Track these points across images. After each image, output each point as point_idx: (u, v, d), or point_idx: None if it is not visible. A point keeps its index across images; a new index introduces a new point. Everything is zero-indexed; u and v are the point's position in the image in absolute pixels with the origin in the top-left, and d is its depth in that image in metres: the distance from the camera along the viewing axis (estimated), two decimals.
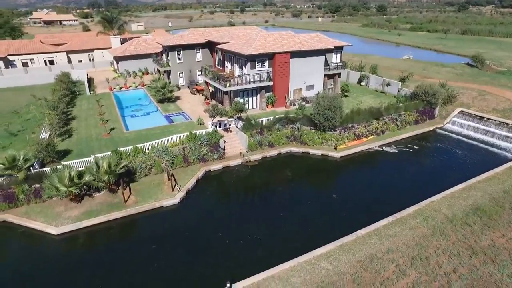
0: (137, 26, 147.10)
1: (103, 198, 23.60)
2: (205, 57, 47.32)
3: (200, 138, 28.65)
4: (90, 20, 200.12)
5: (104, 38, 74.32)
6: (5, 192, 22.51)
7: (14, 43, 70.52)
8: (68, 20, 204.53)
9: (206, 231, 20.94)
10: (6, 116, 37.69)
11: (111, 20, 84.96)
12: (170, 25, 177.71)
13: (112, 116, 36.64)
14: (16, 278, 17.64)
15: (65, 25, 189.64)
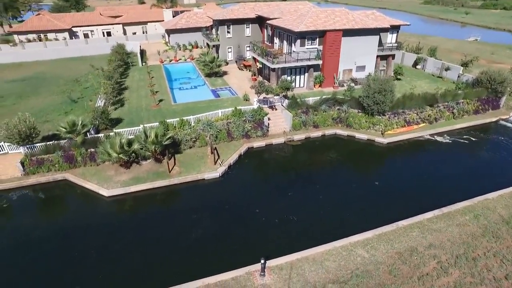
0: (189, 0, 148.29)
1: (149, 166, 24.88)
2: (255, 33, 46.75)
3: (245, 114, 28.82)
4: None
5: (157, 11, 76.06)
6: (66, 154, 24.57)
7: (77, 16, 74.74)
8: None
9: (244, 206, 21.38)
10: (69, 84, 40.56)
11: None
12: None
13: (162, 88, 37.91)
14: (71, 230, 19.48)
15: None
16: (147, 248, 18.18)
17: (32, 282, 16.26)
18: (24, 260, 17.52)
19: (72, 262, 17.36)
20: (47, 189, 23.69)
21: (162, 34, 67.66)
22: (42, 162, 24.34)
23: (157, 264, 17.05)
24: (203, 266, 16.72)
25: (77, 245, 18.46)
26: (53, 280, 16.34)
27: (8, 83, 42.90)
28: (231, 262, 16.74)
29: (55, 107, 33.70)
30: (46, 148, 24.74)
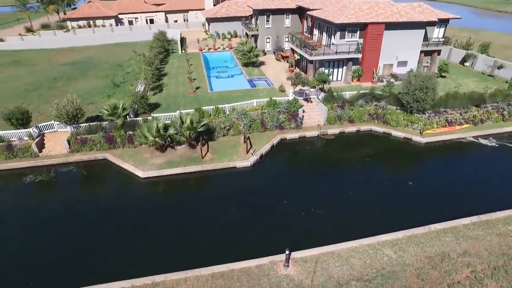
0: None
1: (183, 151, 25.69)
2: (294, 23, 46.18)
3: (279, 105, 28.81)
4: None
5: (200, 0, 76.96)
6: (107, 135, 25.96)
7: (123, 3, 77.61)
8: None
9: (273, 197, 21.54)
10: (113, 68, 42.56)
11: None
12: None
13: (199, 76, 38.70)
14: (108, 206, 20.74)
15: None
16: (176, 229, 18.94)
17: (70, 250, 17.55)
18: (65, 229, 18.96)
19: (107, 236, 18.51)
20: (89, 166, 25.28)
21: (202, 22, 68.63)
22: (86, 141, 25.92)
23: (184, 246, 17.75)
24: (228, 252, 17.17)
25: (113, 220, 19.65)
26: (89, 250, 17.53)
27: (60, 66, 45.78)
28: (256, 250, 17.06)
29: (99, 90, 35.56)
30: (89, 129, 26.28)
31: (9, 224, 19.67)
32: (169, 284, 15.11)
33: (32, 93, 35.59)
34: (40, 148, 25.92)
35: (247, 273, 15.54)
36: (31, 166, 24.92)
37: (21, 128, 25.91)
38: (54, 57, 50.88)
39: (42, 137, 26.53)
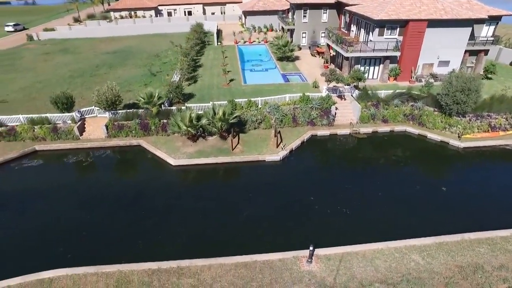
0: None
1: (214, 142, 26.18)
2: (331, 19, 45.27)
3: (312, 101, 28.56)
4: None
5: None
6: (142, 122, 26.97)
7: None
8: None
9: (300, 192, 21.50)
10: (151, 58, 43.95)
11: None
12: None
13: (234, 68, 39.05)
14: (140, 191, 21.64)
15: None
16: (203, 217, 19.46)
17: (102, 229, 18.58)
18: (99, 209, 20.07)
19: (138, 218, 19.36)
20: (124, 151, 26.45)
21: (239, 15, 68.93)
22: (122, 127, 27.07)
23: (210, 234, 18.22)
24: (252, 243, 17.44)
25: (144, 204, 20.52)
26: (120, 230, 18.46)
27: (103, 54, 47.92)
28: (279, 243, 17.19)
29: (137, 78, 36.89)
30: (126, 115, 27.41)
31: (50, 200, 21.12)
32: (193, 269, 15.60)
33: (76, 80, 37.58)
34: (81, 131, 27.44)
35: (270, 265, 15.72)
36: (72, 148, 26.50)
37: (66, 112, 27.50)
38: (97, 46, 53.29)
39: (83, 121, 28.03)
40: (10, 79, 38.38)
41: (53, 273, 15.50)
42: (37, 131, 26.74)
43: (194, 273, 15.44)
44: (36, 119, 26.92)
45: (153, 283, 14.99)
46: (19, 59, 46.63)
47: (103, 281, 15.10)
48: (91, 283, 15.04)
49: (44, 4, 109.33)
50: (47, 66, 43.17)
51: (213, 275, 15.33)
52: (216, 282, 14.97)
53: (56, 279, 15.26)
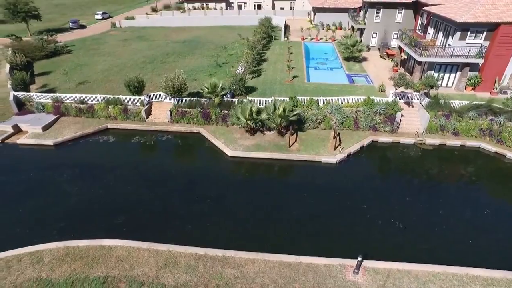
0: None
1: (272, 137, 26.13)
2: (406, 19, 42.42)
3: (376, 106, 27.11)
4: None
5: None
6: (204, 111, 27.86)
7: None
8: None
9: (353, 198, 20.59)
10: (218, 49, 45.21)
11: None
12: None
13: (298, 65, 38.57)
14: (195, 176, 22.43)
15: None
16: (252, 210, 19.59)
17: (157, 208, 19.60)
18: (156, 189, 21.21)
19: (190, 203, 20.10)
20: (184, 138, 27.60)
21: (308, 11, 67.83)
22: (185, 114, 28.23)
23: (257, 227, 18.28)
24: (298, 243, 17.15)
25: (197, 190, 21.24)
26: (172, 212, 19.33)
27: (173, 43, 50.46)
28: (326, 248, 16.71)
29: (203, 68, 38.18)
30: (189, 103, 28.50)
31: (115, 173, 22.90)
32: (238, 261, 15.77)
33: (148, 65, 40.04)
34: (147, 114, 29.19)
35: (314, 269, 15.30)
36: (138, 129, 28.35)
37: (136, 95, 29.44)
38: (169, 35, 56.20)
39: (150, 105, 29.77)
40: (94, 62, 42.18)
41: (112, 242, 16.79)
42: (111, 110, 29.04)
43: (238, 264, 15.60)
44: (110, 100, 29.23)
45: (199, 267, 15.45)
46: (103, 44, 51.01)
47: (153, 258, 15.95)
48: (143, 257, 15.98)
49: None
50: (124, 51, 46.64)
51: (256, 269, 15.36)
52: (259, 277, 14.96)
53: (114, 248, 16.49)
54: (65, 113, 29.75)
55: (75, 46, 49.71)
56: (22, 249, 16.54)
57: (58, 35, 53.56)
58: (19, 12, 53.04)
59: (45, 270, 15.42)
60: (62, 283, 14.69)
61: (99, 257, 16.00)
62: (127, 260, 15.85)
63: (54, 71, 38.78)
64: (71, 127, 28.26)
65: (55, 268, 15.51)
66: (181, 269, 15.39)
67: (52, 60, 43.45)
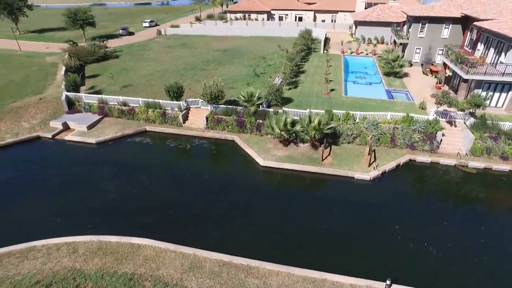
0: None
1: (305, 150, 25.89)
2: (454, 35, 40.64)
3: (416, 123, 26.08)
4: None
5: (351, 1, 75.29)
6: (239, 119, 28.24)
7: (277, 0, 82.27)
8: None
9: (385, 218, 19.77)
10: (256, 59, 45.85)
11: None
12: None
13: (336, 78, 38.14)
14: (227, 183, 22.68)
15: None
16: (280, 221, 19.40)
17: (187, 211, 19.96)
18: (188, 192, 21.68)
19: (219, 209, 20.30)
20: (218, 144, 28.08)
21: (349, 25, 67.13)
22: (220, 121, 28.76)
23: (284, 239, 18.05)
24: (324, 259, 16.73)
25: (227, 196, 21.45)
26: (199, 216, 19.61)
27: (214, 51, 51.90)
28: (352, 266, 16.15)
29: (241, 77, 38.81)
30: (226, 110, 29.02)
31: (150, 174, 23.75)
32: (261, 272, 15.64)
33: (188, 72, 41.41)
34: (184, 119, 30.09)
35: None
36: (175, 133, 29.27)
37: (175, 100, 30.48)
38: (211, 43, 57.88)
39: (187, 110, 30.67)
40: (139, 67, 44.36)
41: (141, 241, 17.32)
42: (150, 113, 30.25)
43: (262, 275, 15.46)
44: (150, 103, 30.49)
45: (222, 274, 15.49)
46: (148, 50, 53.57)
47: (179, 260, 16.23)
48: (169, 258, 16.31)
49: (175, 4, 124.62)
50: (167, 58, 48.62)
51: (279, 282, 15.13)
52: None
53: (143, 246, 17.00)
54: (109, 114, 31.44)
55: (122, 51, 52.61)
56: (61, 239, 17.55)
57: (108, 41, 57.04)
58: (78, 20, 57.44)
59: (79, 261, 16.20)
60: (93, 275, 15.33)
61: (128, 254, 16.55)
62: (154, 259, 16.25)
63: (102, 74, 41.21)
64: (112, 128, 29.76)
65: (88, 260, 16.25)
66: (205, 274, 15.52)
67: (102, 64, 46.24)
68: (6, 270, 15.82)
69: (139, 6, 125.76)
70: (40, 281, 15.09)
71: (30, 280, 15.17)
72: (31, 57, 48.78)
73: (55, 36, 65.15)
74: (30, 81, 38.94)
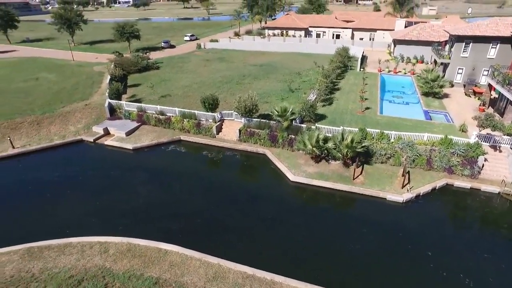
0: (428, 10, 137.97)
1: (336, 167, 25.50)
2: (501, 55, 38.70)
3: (455, 146, 24.94)
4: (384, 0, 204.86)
5: (390, 20, 74.44)
6: (271, 133, 28.44)
7: (315, 17, 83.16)
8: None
9: (417, 243, 18.86)
10: (292, 75, 46.20)
11: (403, 2, 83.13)
12: (469, 12, 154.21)
13: (372, 96, 37.50)
14: (256, 196, 22.81)
15: (360, 4, 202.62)
16: (307, 238, 19.14)
17: (214, 220, 20.23)
18: (217, 202, 22.03)
19: (245, 220, 20.39)
20: (250, 157, 28.36)
21: (388, 43, 66.06)
22: (253, 134, 29.11)
23: (310, 256, 17.75)
24: (350, 281, 16.27)
25: (255, 209, 21.55)
26: (226, 227, 19.77)
27: (250, 66, 52.97)
28: None
29: (276, 92, 39.21)
30: (259, 124, 29.37)
31: (181, 181, 24.46)
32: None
33: (225, 85, 42.48)
34: (218, 131, 30.77)
35: None
36: (208, 143, 29.97)
37: (210, 111, 31.32)
38: (248, 58, 59.15)
39: (221, 122, 31.36)
40: (177, 78, 46.19)
41: (168, 246, 17.76)
42: (185, 123, 31.26)
43: None
44: (186, 113, 31.54)
45: (245, 287, 15.44)
46: (187, 63, 55.71)
47: (203, 269, 16.41)
48: (194, 266, 16.54)
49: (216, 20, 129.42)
50: (205, 71, 50.24)
51: None
52: None
53: (170, 252, 17.40)
54: (146, 121, 32.87)
55: (163, 63, 55.07)
56: (95, 238, 18.40)
57: (150, 53, 59.98)
58: (125, 33, 61.41)
59: (109, 260, 16.86)
60: (121, 276, 15.88)
61: (155, 259, 16.99)
62: (179, 266, 16.55)
63: (143, 84, 43.29)
64: (149, 135, 31.04)
65: (117, 260, 16.87)
66: (228, 285, 15.55)
67: (143, 74, 48.64)
68: (45, 262, 16.89)
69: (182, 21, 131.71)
70: (73, 276, 15.89)
71: (65, 274, 16.02)
72: (82, 66, 52.35)
73: (103, 47, 69.55)
74: (79, 88, 41.70)
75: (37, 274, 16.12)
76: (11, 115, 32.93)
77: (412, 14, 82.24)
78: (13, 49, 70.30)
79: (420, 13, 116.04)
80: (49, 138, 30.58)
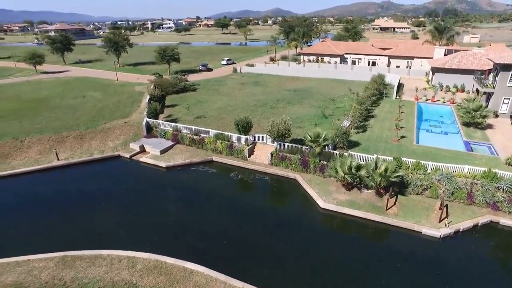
0: (470, 38, 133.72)
1: (368, 196, 24.67)
2: None
3: (500, 181, 23.38)
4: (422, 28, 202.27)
5: (428, 48, 72.86)
6: (303, 159, 28.24)
7: (351, 44, 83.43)
8: (401, 27, 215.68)
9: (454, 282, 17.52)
10: (326, 101, 46.19)
11: (442, 30, 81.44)
12: None
13: (408, 125, 36.43)
14: (284, 222, 22.43)
15: (397, 32, 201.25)
16: (336, 268, 18.44)
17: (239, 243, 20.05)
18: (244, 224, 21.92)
19: (273, 245, 20.02)
20: (280, 181, 28.22)
21: (426, 71, 64.52)
22: (284, 159, 29.03)
23: None
24: None
25: (283, 234, 21.15)
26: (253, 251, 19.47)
27: (285, 91, 53.64)
28: None
29: (309, 117, 39.20)
30: (291, 149, 29.31)
31: (211, 202, 24.71)
32: None
33: (258, 109, 43.13)
34: (250, 153, 31.02)
35: None
36: (239, 165, 30.21)
37: (243, 134, 31.78)
38: (282, 83, 59.98)
39: (254, 145, 31.65)
40: (213, 100, 47.63)
41: (194, 266, 17.82)
42: (218, 144, 31.87)
43: None
44: (219, 135, 32.22)
45: None
46: (223, 86, 57.45)
47: None
48: None
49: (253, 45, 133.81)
50: (239, 94, 51.45)
51: None
52: None
53: (195, 272, 17.41)
54: (180, 141, 33.90)
55: (200, 85, 57.16)
56: (123, 252, 18.86)
57: (188, 75, 62.58)
58: (166, 56, 64.87)
59: (136, 275, 17.14)
60: None
61: (180, 278, 17.05)
62: (203, 287, 16.44)
63: (179, 105, 45.02)
64: (182, 154, 31.91)
65: (143, 276, 17.11)
66: None
67: (180, 95, 50.68)
68: (77, 272, 17.56)
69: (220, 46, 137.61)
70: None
71: (93, 285, 16.50)
72: (124, 86, 55.57)
73: (145, 68, 73.67)
74: (120, 106, 44.15)
75: (69, 283, 16.70)
76: (59, 129, 35.44)
77: (452, 42, 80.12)
78: (67, 69, 77.12)
79: (461, 41, 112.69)
80: (89, 152, 32.36)
